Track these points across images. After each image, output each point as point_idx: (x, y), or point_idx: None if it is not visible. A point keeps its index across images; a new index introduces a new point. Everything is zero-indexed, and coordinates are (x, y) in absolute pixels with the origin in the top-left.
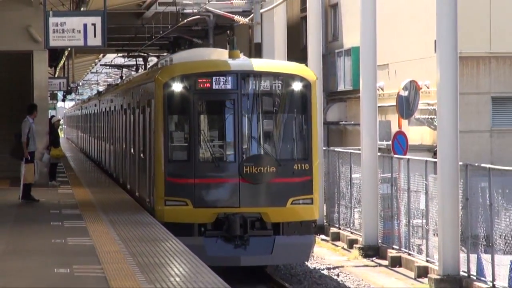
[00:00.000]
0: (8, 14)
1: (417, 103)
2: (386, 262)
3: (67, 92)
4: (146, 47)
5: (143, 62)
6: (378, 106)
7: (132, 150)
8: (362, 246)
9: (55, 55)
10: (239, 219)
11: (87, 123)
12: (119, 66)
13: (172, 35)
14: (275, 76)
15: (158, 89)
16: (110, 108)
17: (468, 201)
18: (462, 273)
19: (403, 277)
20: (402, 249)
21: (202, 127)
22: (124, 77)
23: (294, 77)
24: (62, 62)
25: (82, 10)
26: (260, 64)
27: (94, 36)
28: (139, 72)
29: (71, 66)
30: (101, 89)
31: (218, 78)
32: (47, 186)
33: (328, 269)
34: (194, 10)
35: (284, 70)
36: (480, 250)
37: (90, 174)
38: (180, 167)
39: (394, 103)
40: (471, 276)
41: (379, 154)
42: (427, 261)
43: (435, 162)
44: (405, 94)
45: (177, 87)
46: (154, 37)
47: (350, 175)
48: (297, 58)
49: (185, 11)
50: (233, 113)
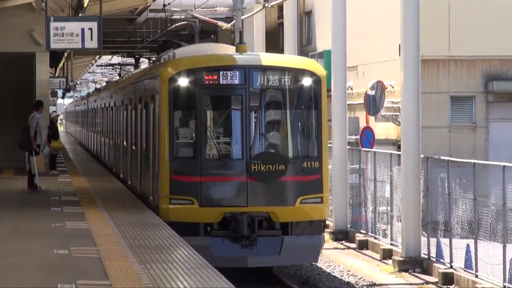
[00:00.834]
0: (13, 19)
1: (383, 101)
2: (354, 245)
3: (66, 90)
4: (138, 50)
5: (135, 62)
6: (348, 104)
7: (133, 146)
8: (332, 230)
9: (56, 57)
10: (247, 219)
11: (86, 118)
12: (114, 65)
13: (161, 39)
14: (284, 70)
15: (163, 84)
16: (109, 104)
17: (428, 190)
18: (423, 255)
19: (370, 258)
20: (369, 233)
21: (208, 124)
22: (122, 74)
23: (303, 71)
24: (62, 62)
25: (80, 15)
26: (268, 58)
27: (91, 39)
28: (134, 70)
29: (70, 66)
30: (97, 87)
31: (225, 72)
32: (48, 175)
33: None
34: (182, 16)
35: (293, 64)
36: (439, 235)
37: (87, 165)
38: (185, 165)
39: (362, 101)
40: (431, 258)
41: (349, 147)
42: (391, 244)
43: (399, 155)
44: (372, 93)
45: (183, 82)
46: (145, 40)
47: None
48: None
49: (173, 17)
50: (240, 109)
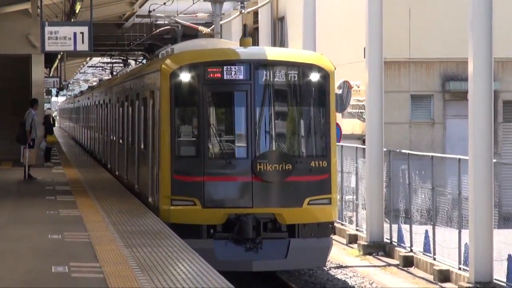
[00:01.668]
0: (10, 24)
1: (349, 100)
2: None
3: (60, 88)
4: (125, 52)
5: (123, 64)
6: None
7: (130, 143)
8: None
9: (50, 58)
10: (252, 221)
11: (79, 115)
12: (106, 63)
13: (147, 42)
14: (291, 65)
15: (164, 79)
16: (103, 101)
17: (390, 180)
18: (385, 240)
19: (337, 243)
20: (336, 220)
21: (211, 121)
22: (115, 72)
23: (311, 67)
24: (56, 63)
25: (72, 21)
26: (274, 52)
27: (82, 42)
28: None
29: (63, 67)
30: (89, 85)
31: (229, 67)
32: (43, 166)
33: None
34: (165, 22)
35: (300, 59)
36: (400, 221)
37: (79, 157)
38: (188, 164)
39: None
40: (393, 242)
41: None
42: (357, 230)
43: (364, 149)
44: (339, 92)
45: (185, 77)
46: (132, 43)
47: None
48: None
49: (157, 23)
50: (245, 105)
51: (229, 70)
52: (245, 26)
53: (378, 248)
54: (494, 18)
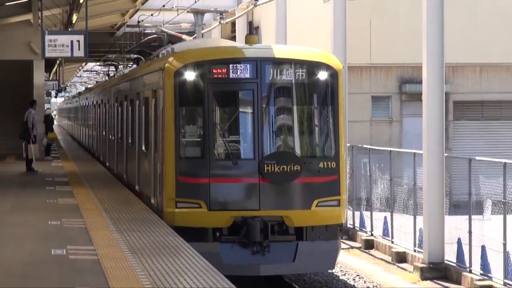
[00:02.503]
0: (14, 33)
1: None
2: None
3: (59, 90)
4: (117, 58)
5: (115, 69)
6: None
7: (130, 142)
8: None
9: (50, 63)
10: (259, 224)
11: (77, 114)
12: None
13: (136, 49)
14: (299, 64)
15: (168, 78)
16: (102, 101)
17: (353, 172)
18: (349, 225)
19: None
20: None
21: (217, 121)
22: (112, 74)
23: (319, 65)
24: (55, 68)
25: (69, 30)
26: (281, 50)
27: (79, 49)
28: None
29: (62, 71)
30: (86, 87)
31: (235, 66)
32: (44, 160)
33: None
34: (153, 31)
35: (308, 57)
36: (362, 208)
37: (76, 152)
38: (193, 165)
39: None
40: (355, 227)
41: None
42: None
43: None
44: None
45: (189, 76)
46: (123, 50)
47: None
48: None
49: (146, 32)
50: (252, 105)
51: (235, 68)
52: (250, 23)
53: (342, 233)
54: (445, 28)
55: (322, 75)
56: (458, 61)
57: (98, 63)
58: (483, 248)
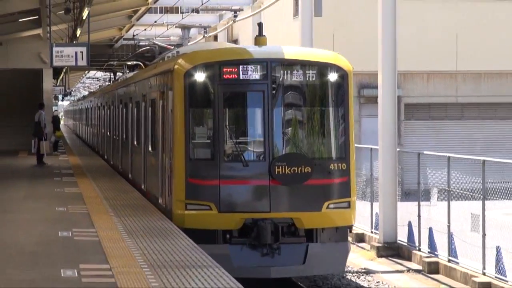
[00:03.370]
0: (26, 45)
1: None
2: None
3: (65, 95)
4: (118, 64)
5: (113, 76)
6: None
7: (135, 142)
8: None
9: (57, 71)
10: (270, 226)
11: (82, 115)
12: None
13: (132, 59)
14: (309, 65)
15: (178, 79)
16: (106, 103)
17: None
18: None
19: None
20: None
21: (227, 122)
22: (111, 80)
23: (329, 66)
24: (61, 75)
25: (74, 42)
26: (291, 51)
27: (82, 59)
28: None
29: (67, 78)
30: (90, 91)
31: (245, 67)
32: (52, 155)
33: None
34: (146, 43)
35: (318, 58)
36: None
37: (80, 148)
38: (203, 167)
39: None
40: None
41: None
42: None
43: None
44: None
45: (199, 77)
46: (120, 60)
47: None
48: None
49: (140, 44)
50: (262, 106)
51: (245, 69)
52: (260, 24)
53: None
54: (397, 40)
55: (332, 76)
56: (409, 69)
57: (100, 71)
58: (430, 229)
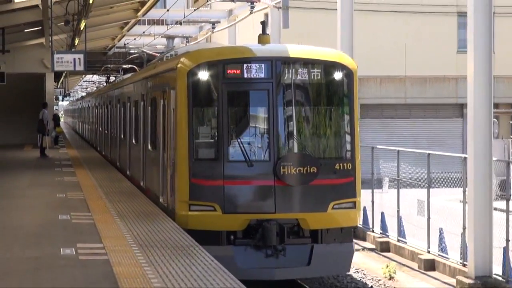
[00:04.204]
0: (31, 52)
1: None
2: None
3: (65, 96)
4: (114, 67)
5: (106, 79)
6: None
7: (134, 140)
8: None
9: (58, 75)
10: (275, 227)
11: (80, 114)
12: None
13: (123, 65)
14: (314, 63)
15: (181, 78)
16: (104, 102)
17: None
18: None
19: None
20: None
21: (231, 121)
22: (105, 83)
23: (334, 64)
24: (62, 79)
25: (72, 50)
26: (296, 50)
27: (80, 65)
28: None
29: (67, 81)
30: (87, 92)
31: (249, 65)
32: (53, 148)
33: None
34: (135, 51)
35: (323, 56)
36: None
37: (78, 143)
38: (207, 167)
39: None
40: None
41: None
42: None
43: None
44: None
45: (203, 76)
46: (113, 66)
47: None
48: None
49: (130, 52)
50: (267, 105)
51: (249, 68)
52: (263, 23)
53: None
54: (354, 49)
55: (338, 75)
56: (364, 74)
57: (95, 74)
58: (382, 214)
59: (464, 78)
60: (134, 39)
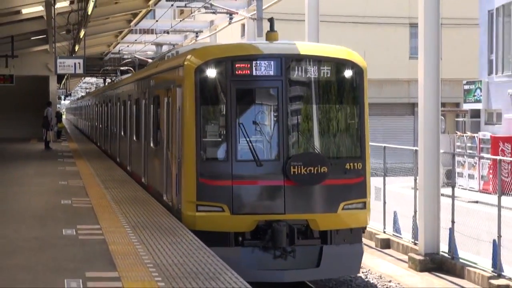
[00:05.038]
0: (36, 57)
1: None
2: None
3: (66, 95)
4: (112, 69)
5: (103, 81)
6: None
7: (135, 137)
8: None
9: (60, 77)
10: (285, 228)
11: (81, 111)
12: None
13: (117, 68)
14: (324, 61)
15: (188, 75)
16: (104, 101)
17: None
18: None
19: None
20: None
21: (240, 120)
22: (102, 83)
23: (345, 62)
24: (64, 81)
25: (73, 55)
26: (306, 47)
27: (79, 68)
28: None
29: (68, 83)
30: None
31: (259, 62)
32: (56, 141)
33: None
34: (128, 57)
35: (333, 54)
36: None
37: (78, 137)
38: (215, 167)
39: None
40: None
41: None
42: None
43: None
44: None
45: (211, 73)
46: (109, 69)
47: None
48: None
49: (124, 57)
50: (276, 103)
51: (258, 65)
52: (271, 19)
53: None
54: None
55: (348, 73)
56: None
57: (93, 77)
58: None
59: (415, 81)
60: (127, 46)
